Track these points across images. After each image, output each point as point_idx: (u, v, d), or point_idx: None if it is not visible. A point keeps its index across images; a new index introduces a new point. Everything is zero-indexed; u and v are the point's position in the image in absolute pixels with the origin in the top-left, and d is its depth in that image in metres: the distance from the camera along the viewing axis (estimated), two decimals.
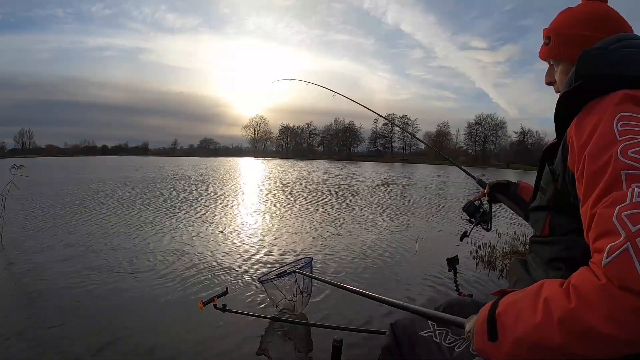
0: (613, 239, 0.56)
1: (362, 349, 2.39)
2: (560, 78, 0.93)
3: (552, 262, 0.84)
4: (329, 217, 7.68)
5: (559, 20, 0.93)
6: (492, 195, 1.49)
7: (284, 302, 2.83)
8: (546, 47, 0.95)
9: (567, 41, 0.89)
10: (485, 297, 0.85)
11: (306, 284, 2.82)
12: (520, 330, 0.62)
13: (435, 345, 0.94)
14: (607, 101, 0.70)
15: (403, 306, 1.14)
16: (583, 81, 0.75)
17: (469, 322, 0.80)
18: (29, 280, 3.61)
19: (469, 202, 1.61)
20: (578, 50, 0.80)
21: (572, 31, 0.88)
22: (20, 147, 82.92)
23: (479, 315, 0.74)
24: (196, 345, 2.47)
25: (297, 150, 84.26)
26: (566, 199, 0.79)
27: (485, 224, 1.58)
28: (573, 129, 0.73)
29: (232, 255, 4.65)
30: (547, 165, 0.88)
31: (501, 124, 76.13)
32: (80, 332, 2.57)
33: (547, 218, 0.86)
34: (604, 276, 0.55)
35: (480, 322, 0.72)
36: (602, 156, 0.64)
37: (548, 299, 0.60)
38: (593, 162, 0.65)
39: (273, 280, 2.80)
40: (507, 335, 0.65)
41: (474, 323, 0.74)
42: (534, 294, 0.63)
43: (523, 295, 0.66)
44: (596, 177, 0.63)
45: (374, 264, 4.44)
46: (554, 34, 0.92)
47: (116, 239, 5.32)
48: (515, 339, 0.63)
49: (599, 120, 0.68)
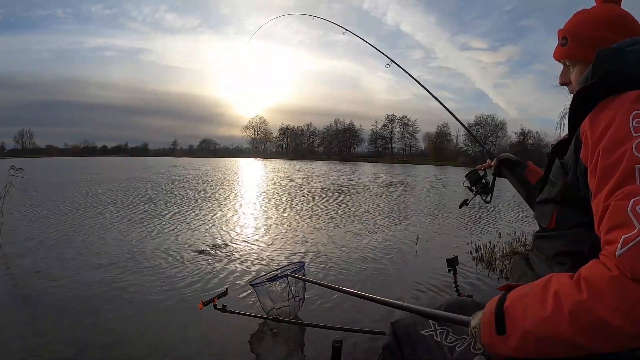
0: (627, 231, 0.56)
1: (362, 349, 2.39)
2: (576, 79, 0.93)
3: (557, 257, 0.84)
4: (329, 217, 7.67)
5: (576, 21, 0.93)
6: (498, 168, 1.47)
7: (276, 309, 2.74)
8: (562, 48, 0.95)
9: (586, 42, 0.89)
10: (485, 298, 0.85)
11: (299, 288, 2.76)
12: (528, 323, 0.62)
13: (436, 344, 0.94)
14: (623, 99, 0.71)
15: (402, 306, 1.13)
16: (599, 78, 0.76)
17: (475, 318, 0.80)
18: (28, 280, 3.61)
19: (473, 169, 1.58)
20: (595, 51, 0.80)
21: (591, 32, 0.89)
22: (20, 147, 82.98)
23: (486, 309, 0.74)
24: (196, 346, 2.47)
25: (297, 150, 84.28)
26: (575, 193, 0.80)
27: (485, 195, 1.55)
28: (587, 124, 0.74)
29: (232, 255, 4.64)
30: (557, 159, 0.88)
31: (501, 124, 76.21)
32: (80, 332, 2.57)
33: (555, 211, 0.86)
34: (616, 268, 0.55)
35: (488, 315, 0.72)
36: (617, 150, 0.64)
37: (558, 292, 0.60)
38: (607, 155, 0.66)
39: (265, 285, 2.74)
40: (516, 329, 0.65)
41: (480, 318, 0.75)
42: (543, 288, 0.64)
43: (531, 288, 0.66)
44: (610, 171, 0.64)
45: (373, 265, 4.44)
46: (572, 35, 0.92)
47: (116, 239, 5.32)
48: (523, 332, 0.63)
49: (614, 116, 0.69)
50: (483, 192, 1.54)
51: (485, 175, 1.56)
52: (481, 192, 1.55)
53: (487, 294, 3.58)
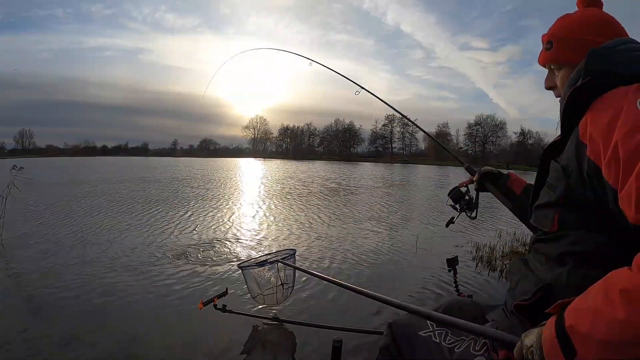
0: None
1: (362, 349, 2.39)
2: (562, 82, 0.94)
3: (558, 258, 0.83)
4: (329, 217, 7.67)
5: (560, 25, 0.94)
6: (481, 183, 1.46)
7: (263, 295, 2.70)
8: (547, 52, 0.96)
9: (570, 46, 0.90)
10: (485, 298, 0.85)
11: (288, 276, 2.72)
12: (601, 334, 0.57)
13: (435, 345, 0.94)
14: (623, 91, 0.72)
15: (400, 305, 1.13)
16: (592, 77, 0.77)
17: (527, 338, 0.72)
18: (28, 280, 3.61)
19: (454, 187, 1.57)
20: (581, 55, 0.82)
21: (575, 36, 0.90)
22: (20, 147, 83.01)
23: (545, 334, 0.67)
24: (196, 346, 2.46)
25: (297, 150, 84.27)
26: (578, 195, 0.79)
27: (470, 211, 1.53)
28: (588, 121, 0.74)
29: (232, 255, 4.64)
30: (553, 163, 0.88)
31: (501, 124, 76.36)
32: (79, 332, 2.56)
33: (556, 214, 0.86)
34: None
35: (549, 340, 0.65)
36: (636, 134, 0.63)
37: (625, 290, 0.55)
38: (628, 141, 0.64)
39: (254, 268, 2.67)
40: (588, 345, 0.59)
41: (539, 342, 0.68)
42: (603, 292, 0.59)
43: (590, 296, 0.61)
44: (635, 154, 0.62)
45: (372, 263, 4.43)
46: (557, 39, 0.93)
47: (116, 239, 5.31)
48: (598, 345, 0.57)
49: (620, 107, 0.69)
50: (467, 208, 1.53)
51: (468, 192, 1.55)
52: (466, 209, 1.54)
53: (487, 293, 3.58)
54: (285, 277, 2.70)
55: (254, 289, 2.70)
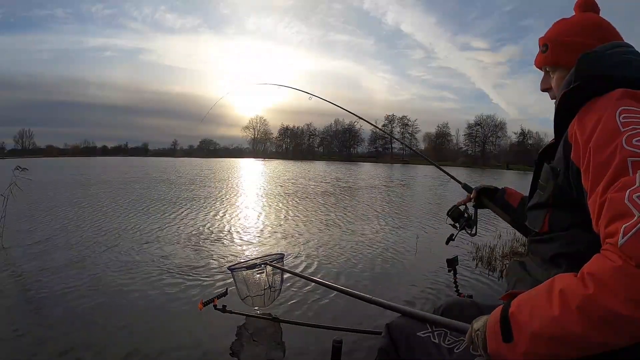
0: (627, 220, 0.56)
1: (362, 349, 2.39)
2: (557, 84, 0.95)
3: (553, 259, 0.84)
4: (328, 217, 7.67)
5: (556, 29, 0.97)
6: (478, 200, 1.48)
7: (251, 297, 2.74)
8: (543, 55, 0.98)
9: (565, 48, 0.92)
10: (485, 298, 0.85)
11: (276, 279, 2.77)
12: (536, 326, 0.61)
13: (434, 346, 0.93)
14: (608, 98, 0.73)
15: (394, 307, 1.13)
16: (583, 81, 0.78)
17: (477, 322, 0.78)
18: (27, 281, 3.61)
19: (453, 206, 1.59)
20: (575, 57, 0.83)
21: (570, 39, 0.92)
22: (20, 147, 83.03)
23: (490, 318, 0.72)
24: (196, 346, 2.47)
25: (297, 151, 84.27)
26: (566, 195, 0.81)
27: (469, 228, 1.56)
28: (575, 125, 0.76)
29: (232, 255, 4.64)
30: (545, 165, 0.90)
31: (501, 124, 76.35)
32: (79, 333, 2.57)
33: (547, 215, 0.87)
34: (619, 258, 0.55)
35: (492, 324, 0.70)
36: (608, 146, 0.65)
37: (564, 290, 0.59)
38: (600, 152, 0.67)
39: (243, 270, 2.71)
40: (523, 333, 0.64)
41: (484, 326, 0.73)
42: (547, 289, 0.63)
43: (535, 292, 0.66)
44: (603, 167, 0.65)
45: (372, 264, 4.44)
46: (552, 42, 0.95)
47: (115, 239, 5.31)
48: (532, 336, 0.62)
49: (601, 115, 0.71)
50: (467, 225, 1.56)
51: (467, 209, 1.57)
52: (465, 227, 1.57)
53: (487, 294, 3.58)
54: (273, 280, 2.75)
55: (243, 291, 2.75)
